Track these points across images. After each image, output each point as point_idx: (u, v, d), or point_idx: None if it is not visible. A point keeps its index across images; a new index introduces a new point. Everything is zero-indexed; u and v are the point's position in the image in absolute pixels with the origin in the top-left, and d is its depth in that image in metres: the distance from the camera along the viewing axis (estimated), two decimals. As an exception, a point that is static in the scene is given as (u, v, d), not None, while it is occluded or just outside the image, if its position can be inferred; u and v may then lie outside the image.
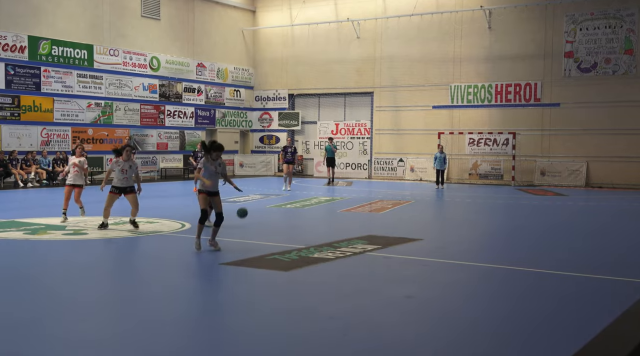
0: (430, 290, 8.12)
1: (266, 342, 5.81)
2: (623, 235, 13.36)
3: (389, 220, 14.93)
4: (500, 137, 28.06)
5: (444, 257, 10.12)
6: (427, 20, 29.72)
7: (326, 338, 5.98)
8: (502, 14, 28.20)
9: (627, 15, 26.07)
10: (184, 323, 6.46)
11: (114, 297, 7.53)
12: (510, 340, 6.04)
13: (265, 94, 34.28)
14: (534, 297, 7.68)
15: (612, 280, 8.64)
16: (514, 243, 12.18)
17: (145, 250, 10.91)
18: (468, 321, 6.66)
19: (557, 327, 6.33)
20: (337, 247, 10.74)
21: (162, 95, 29.58)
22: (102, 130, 26.87)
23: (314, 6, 32.35)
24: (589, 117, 26.62)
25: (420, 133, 30.04)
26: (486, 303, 7.47)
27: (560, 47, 27.28)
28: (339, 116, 32.63)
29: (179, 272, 9.06)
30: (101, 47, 26.69)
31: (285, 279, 8.46)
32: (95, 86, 26.58)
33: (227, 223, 13.85)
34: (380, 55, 30.97)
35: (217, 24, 32.31)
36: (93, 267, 9.32)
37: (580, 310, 7.05)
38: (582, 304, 7.34)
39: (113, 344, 5.69)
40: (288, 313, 6.84)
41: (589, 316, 6.77)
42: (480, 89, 28.84)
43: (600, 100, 26.40)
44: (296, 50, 33.08)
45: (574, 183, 26.74)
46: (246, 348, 5.68)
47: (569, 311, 7.02)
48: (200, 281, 8.60)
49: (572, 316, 6.78)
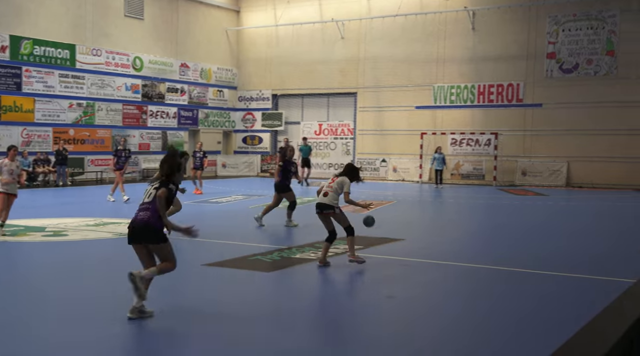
0: (411, 289, 8.14)
1: (249, 342, 5.79)
2: (603, 234, 13.46)
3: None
4: (483, 138, 28.19)
5: (425, 257, 10.15)
6: (411, 21, 29.80)
7: (307, 339, 5.97)
8: (485, 15, 28.34)
9: (609, 16, 26.29)
10: (165, 325, 6.41)
11: (93, 298, 7.48)
12: (491, 338, 6.08)
13: (249, 94, 34.20)
14: (515, 296, 7.73)
15: (591, 279, 8.70)
16: (495, 243, 12.25)
17: (127, 251, 10.81)
18: (450, 320, 6.69)
19: (539, 325, 6.37)
20: (319, 248, 10.72)
21: (145, 96, 29.41)
22: (83, 131, 26.66)
23: (298, 6, 32.33)
24: (570, 117, 26.81)
25: (403, 133, 30.11)
26: (467, 302, 7.50)
27: (543, 48, 27.46)
28: (323, 116, 32.64)
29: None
30: (84, 46, 26.49)
31: (267, 280, 8.44)
32: (77, 86, 26.38)
33: (210, 224, 13.81)
34: (364, 56, 31.01)
35: (200, 24, 32.19)
36: (75, 268, 9.25)
37: (561, 309, 7.10)
38: (563, 303, 7.39)
39: (96, 346, 5.65)
40: (270, 314, 6.83)
41: (570, 314, 6.82)
42: (463, 90, 28.96)
43: (582, 101, 26.60)
44: (280, 50, 33.04)
45: (555, 183, 26.92)
46: (227, 350, 5.66)
47: (550, 309, 7.06)
48: (183, 282, 8.55)
49: (553, 315, 6.82)
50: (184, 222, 7.96)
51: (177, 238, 11.88)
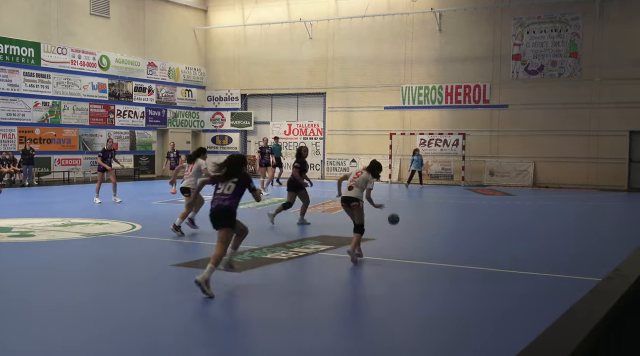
0: (382, 289, 8.20)
1: (219, 343, 5.80)
2: (574, 234, 13.71)
3: (341, 220, 14.99)
4: (451, 138, 28.48)
5: (396, 257, 10.23)
6: (379, 22, 29.97)
7: (278, 339, 5.99)
8: (452, 17, 28.63)
9: (572, 19, 26.76)
10: (135, 327, 6.39)
11: (62, 302, 7.41)
12: (470, 336, 6.14)
13: (218, 94, 34.06)
14: (490, 296, 7.83)
15: (567, 279, 8.87)
16: (467, 243, 12.39)
17: (94, 252, 10.72)
18: (424, 320, 6.73)
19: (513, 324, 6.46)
20: (290, 248, 10.76)
21: (112, 95, 29.10)
22: (49, 130, 26.28)
23: (266, 6, 32.29)
24: (536, 118, 27.22)
25: (373, 133, 30.27)
26: (441, 302, 7.57)
27: (509, 50, 27.83)
28: (292, 116, 32.65)
29: (128, 275, 8.95)
30: (49, 45, 26.12)
31: (238, 280, 8.45)
32: (43, 85, 26.00)
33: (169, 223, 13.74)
34: (332, 56, 31.10)
35: (168, 23, 31.96)
36: (42, 270, 9.13)
37: (539, 308, 7.22)
38: (539, 303, 7.52)
39: (64, 351, 5.61)
40: (240, 314, 6.84)
41: (547, 314, 6.94)
42: (431, 90, 29.22)
43: (547, 102, 27.03)
44: (248, 50, 32.96)
45: (522, 183, 27.31)
46: (197, 347, 5.66)
47: (529, 309, 7.18)
48: (152, 283, 8.51)
49: (532, 314, 6.94)
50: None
51: (145, 238, 11.83)
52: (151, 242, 11.53)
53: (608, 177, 26.12)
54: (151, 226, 13.25)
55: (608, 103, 26.07)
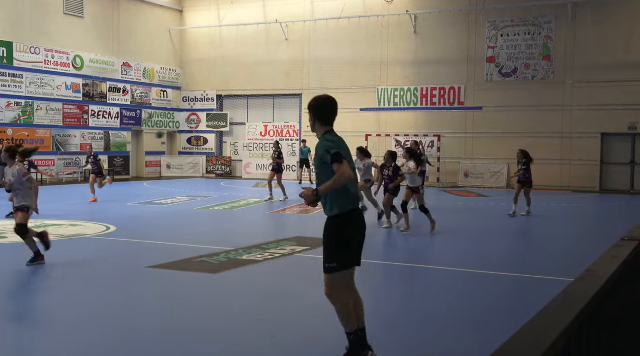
0: (359, 291, 8.22)
1: (195, 343, 5.78)
2: (550, 235, 13.87)
3: (318, 221, 15.03)
4: (426, 140, 28.63)
5: (372, 258, 10.26)
6: (355, 24, 30.06)
7: (255, 340, 6.00)
8: (427, 19, 28.81)
9: (545, 22, 27.09)
10: (112, 327, 6.34)
11: (36, 306, 7.33)
12: (445, 335, 6.20)
13: (193, 95, 33.90)
14: (458, 296, 7.91)
15: (544, 279, 8.98)
16: (443, 244, 12.48)
17: (69, 254, 10.61)
18: (400, 321, 6.78)
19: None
20: (266, 249, 10.75)
21: (86, 95, 28.82)
22: (22, 131, 25.95)
23: (242, 7, 32.22)
24: (510, 120, 27.50)
25: (348, 135, 30.11)
26: (418, 303, 7.63)
27: (483, 53, 28.09)
28: (268, 118, 32.60)
29: (103, 276, 8.87)
30: (21, 44, 25.79)
31: (214, 281, 8.42)
32: (15, 85, 25.67)
33: (153, 225, 13.66)
34: (308, 58, 31.12)
35: (143, 23, 31.74)
36: (14, 273, 9.02)
37: (515, 308, 7.30)
38: (515, 302, 7.60)
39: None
40: (216, 315, 6.83)
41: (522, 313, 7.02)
42: (407, 92, 29.38)
43: (521, 104, 27.33)
44: (224, 51, 32.86)
45: (496, 184, 27.57)
46: (174, 351, 5.64)
47: (504, 309, 7.26)
48: (127, 284, 8.45)
49: (508, 315, 7.01)
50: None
51: (120, 240, 11.74)
52: (126, 243, 11.44)
53: (581, 178, 26.48)
54: (126, 228, 13.16)
55: (580, 105, 26.44)
